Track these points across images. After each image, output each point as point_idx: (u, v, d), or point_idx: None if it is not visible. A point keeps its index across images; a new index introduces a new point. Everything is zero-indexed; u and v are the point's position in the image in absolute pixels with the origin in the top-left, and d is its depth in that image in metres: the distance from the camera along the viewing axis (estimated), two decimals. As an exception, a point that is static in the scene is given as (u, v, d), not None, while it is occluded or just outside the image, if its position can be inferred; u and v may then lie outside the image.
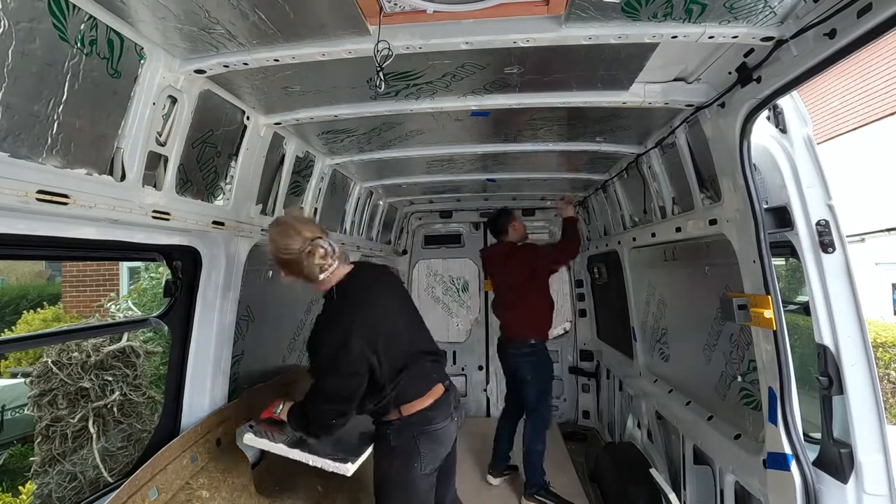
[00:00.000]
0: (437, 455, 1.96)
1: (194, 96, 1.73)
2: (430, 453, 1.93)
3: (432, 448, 1.94)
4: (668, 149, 2.49)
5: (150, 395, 4.80)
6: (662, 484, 2.72)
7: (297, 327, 3.14)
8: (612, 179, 3.42)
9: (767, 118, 1.82)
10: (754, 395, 2.07)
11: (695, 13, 1.42)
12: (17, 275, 13.41)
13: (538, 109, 2.23)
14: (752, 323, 1.84)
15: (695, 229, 2.35)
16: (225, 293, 2.14)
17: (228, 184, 2.10)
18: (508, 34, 1.54)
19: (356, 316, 1.86)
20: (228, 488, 1.93)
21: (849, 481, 1.63)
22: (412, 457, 1.90)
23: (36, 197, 1.25)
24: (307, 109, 2.16)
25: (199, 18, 1.39)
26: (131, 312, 6.65)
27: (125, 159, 1.53)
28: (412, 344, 1.97)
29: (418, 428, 1.92)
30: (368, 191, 3.80)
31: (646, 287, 3.44)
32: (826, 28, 1.29)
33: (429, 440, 1.92)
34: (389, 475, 1.94)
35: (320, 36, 1.54)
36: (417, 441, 1.91)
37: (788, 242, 1.80)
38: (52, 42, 1.22)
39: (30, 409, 4.59)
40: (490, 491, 3.54)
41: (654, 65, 1.80)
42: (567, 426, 4.86)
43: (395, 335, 1.92)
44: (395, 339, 1.91)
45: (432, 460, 1.94)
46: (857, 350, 1.66)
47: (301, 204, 2.83)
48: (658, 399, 3.11)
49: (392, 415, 1.93)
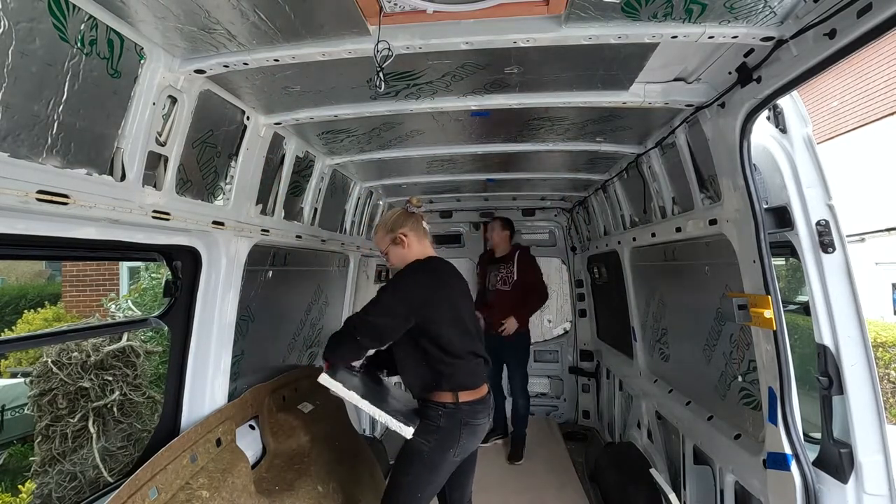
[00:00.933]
0: (469, 447, 2.10)
1: (194, 96, 1.73)
2: (466, 443, 2.06)
3: (469, 439, 2.07)
4: (668, 149, 2.49)
5: (150, 394, 4.81)
6: (662, 484, 2.72)
7: (297, 327, 3.14)
8: (612, 179, 3.41)
9: (767, 118, 1.82)
10: (754, 395, 2.07)
11: (695, 13, 1.42)
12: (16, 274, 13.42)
13: (538, 109, 2.23)
14: (752, 323, 1.84)
15: (695, 229, 2.34)
16: (225, 293, 2.14)
17: (228, 184, 2.10)
18: (508, 34, 1.54)
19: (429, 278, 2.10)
20: (228, 488, 1.93)
21: (849, 481, 1.63)
22: (451, 442, 2.03)
23: (36, 197, 1.25)
24: (307, 109, 2.16)
25: (199, 18, 1.39)
26: (131, 312, 6.65)
27: (125, 159, 1.53)
28: (473, 339, 2.13)
29: (466, 417, 2.04)
30: (368, 191, 3.80)
31: (646, 287, 3.44)
32: (826, 28, 1.29)
33: (470, 431, 2.06)
34: (423, 452, 2.04)
35: (320, 36, 1.54)
36: (461, 429, 2.03)
37: (788, 242, 1.80)
38: (52, 42, 1.22)
39: (30, 409, 4.60)
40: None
41: (654, 65, 1.80)
42: (567, 426, 4.85)
43: (461, 319, 2.10)
44: (461, 324, 2.09)
45: (463, 450, 2.07)
46: (857, 350, 1.66)
47: (301, 204, 2.83)
48: (658, 399, 3.11)
49: (446, 397, 2.04)
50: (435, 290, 2.08)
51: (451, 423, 2.03)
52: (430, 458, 2.04)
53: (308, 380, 3.00)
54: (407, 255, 2.21)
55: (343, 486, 2.64)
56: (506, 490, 3.53)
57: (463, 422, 2.03)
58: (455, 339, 2.05)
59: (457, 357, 2.05)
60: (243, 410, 2.30)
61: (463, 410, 2.03)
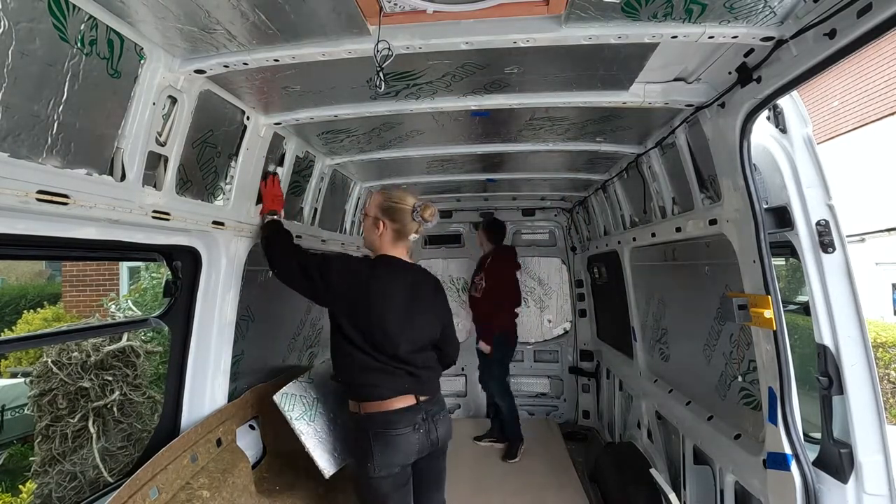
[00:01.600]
0: (390, 460, 1.93)
1: (194, 96, 1.73)
2: (383, 457, 1.91)
3: (385, 452, 1.92)
4: (668, 149, 2.49)
5: (150, 394, 4.81)
6: (662, 484, 2.72)
7: (297, 327, 3.14)
8: (612, 179, 3.41)
9: (767, 118, 1.82)
10: (754, 395, 2.07)
11: (695, 13, 1.42)
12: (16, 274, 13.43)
13: (538, 109, 2.23)
14: (752, 323, 1.84)
15: (695, 229, 2.34)
16: (225, 293, 2.14)
17: (228, 184, 2.10)
18: (508, 34, 1.53)
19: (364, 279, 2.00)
20: (229, 488, 1.93)
21: (849, 481, 1.63)
22: (365, 456, 1.93)
23: (36, 197, 1.25)
24: (307, 109, 2.16)
25: (199, 19, 1.39)
26: (132, 312, 6.65)
27: (125, 159, 1.52)
28: (397, 348, 1.97)
29: (374, 429, 1.93)
30: (368, 191, 3.80)
31: (646, 287, 3.44)
32: (826, 28, 1.29)
33: (384, 443, 1.92)
34: (354, 470, 2.04)
35: (320, 36, 1.54)
36: (372, 441, 1.92)
37: (788, 242, 1.80)
38: (52, 42, 1.22)
39: (30, 409, 4.60)
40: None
41: (654, 65, 1.79)
42: (567, 426, 4.85)
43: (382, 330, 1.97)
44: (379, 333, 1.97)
45: (386, 465, 1.92)
46: (857, 350, 1.66)
47: (301, 204, 2.83)
48: (658, 399, 3.11)
49: (352, 407, 2.01)
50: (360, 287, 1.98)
51: (359, 434, 1.96)
52: (357, 474, 2.01)
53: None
54: (374, 241, 2.14)
55: (344, 487, 2.64)
56: (506, 490, 3.53)
57: (371, 433, 1.92)
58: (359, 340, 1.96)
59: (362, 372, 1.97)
60: (243, 410, 2.30)
61: (369, 421, 1.94)
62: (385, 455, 1.91)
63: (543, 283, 5.19)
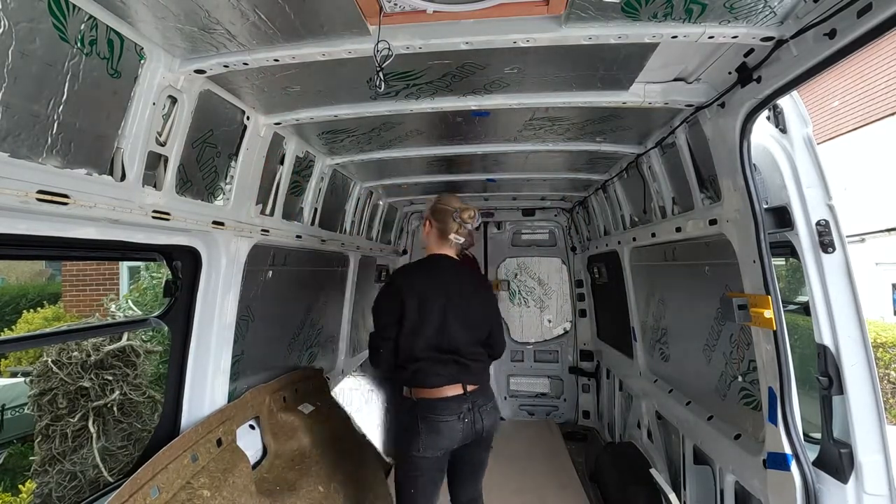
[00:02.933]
0: (435, 443, 2.11)
1: (194, 96, 1.73)
2: (429, 438, 2.10)
3: (430, 435, 2.10)
4: (667, 149, 2.49)
5: (151, 394, 4.81)
6: (662, 484, 2.72)
7: (297, 327, 3.14)
8: (612, 179, 3.41)
9: (767, 118, 1.82)
10: (754, 395, 2.07)
11: (695, 13, 1.42)
12: (16, 274, 13.43)
13: (538, 109, 2.23)
14: (752, 323, 1.84)
15: (695, 229, 2.34)
16: (225, 293, 2.14)
17: (228, 184, 2.10)
18: (508, 34, 1.53)
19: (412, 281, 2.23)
20: (229, 488, 1.93)
21: (849, 481, 1.63)
22: (414, 435, 2.11)
23: (36, 197, 1.25)
24: (307, 109, 2.16)
25: (199, 18, 1.39)
26: (132, 312, 6.65)
27: (125, 159, 1.53)
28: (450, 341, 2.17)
29: (423, 412, 2.11)
30: (368, 191, 3.80)
31: (646, 287, 3.44)
32: (826, 28, 1.29)
33: (430, 427, 2.10)
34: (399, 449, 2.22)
35: (320, 36, 1.54)
36: (419, 422, 2.10)
37: (788, 242, 1.80)
38: (52, 42, 1.22)
39: (30, 409, 4.60)
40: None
41: (654, 65, 1.80)
42: (567, 426, 4.86)
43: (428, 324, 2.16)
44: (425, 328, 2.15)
45: (431, 446, 2.11)
46: (857, 350, 1.66)
47: (301, 204, 2.83)
48: (658, 399, 3.11)
49: (405, 392, 2.21)
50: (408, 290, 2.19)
51: (409, 416, 2.15)
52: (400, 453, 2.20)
53: (308, 381, 3.00)
54: (425, 240, 2.45)
55: (344, 487, 2.64)
56: (506, 490, 3.53)
57: (420, 416, 2.11)
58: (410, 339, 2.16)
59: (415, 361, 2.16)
60: (244, 411, 2.30)
61: (419, 405, 2.13)
62: (430, 437, 2.11)
63: (543, 283, 5.20)
